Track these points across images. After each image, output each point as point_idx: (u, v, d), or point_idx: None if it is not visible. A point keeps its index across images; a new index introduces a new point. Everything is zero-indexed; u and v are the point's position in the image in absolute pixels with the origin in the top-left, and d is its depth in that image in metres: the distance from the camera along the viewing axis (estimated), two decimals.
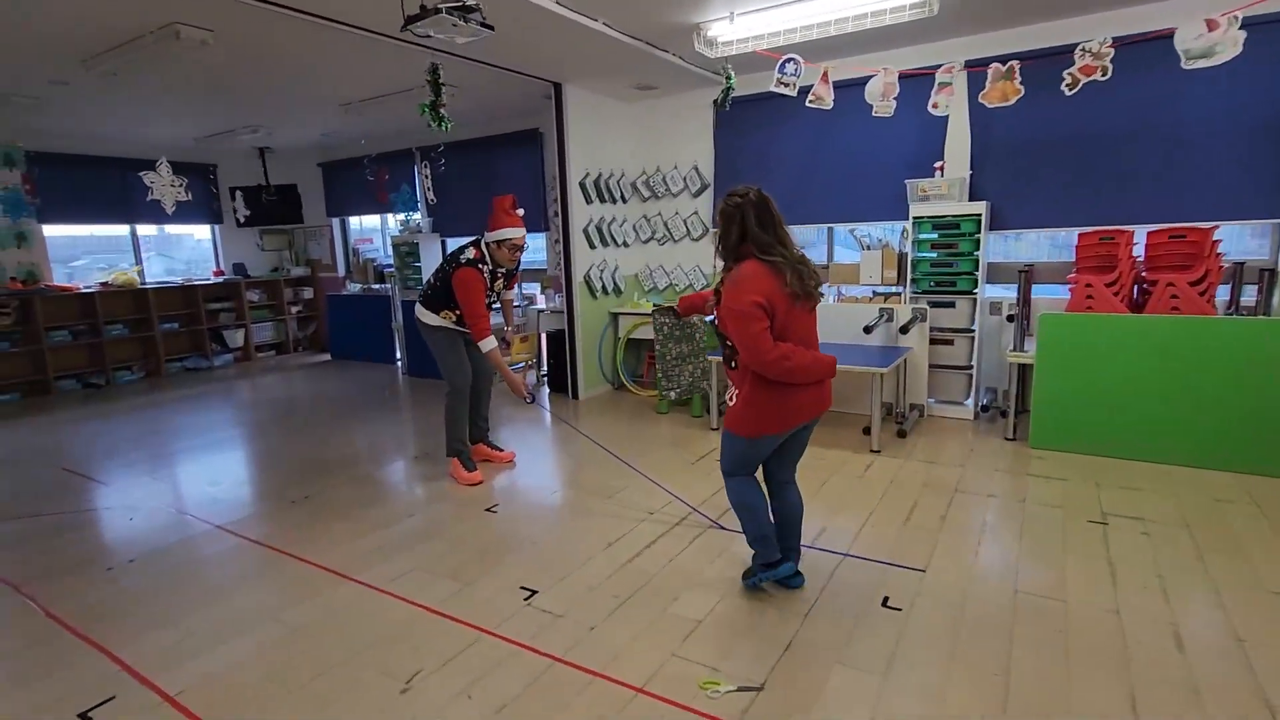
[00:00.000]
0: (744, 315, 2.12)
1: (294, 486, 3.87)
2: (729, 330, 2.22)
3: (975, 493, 3.42)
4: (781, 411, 2.27)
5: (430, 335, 3.78)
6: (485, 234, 3.61)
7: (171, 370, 7.71)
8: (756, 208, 2.19)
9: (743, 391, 2.29)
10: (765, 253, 2.17)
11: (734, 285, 2.15)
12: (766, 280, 2.15)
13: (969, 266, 4.57)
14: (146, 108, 5.76)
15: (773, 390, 2.23)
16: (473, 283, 3.51)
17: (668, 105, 5.84)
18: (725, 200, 2.25)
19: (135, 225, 7.69)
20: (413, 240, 7.34)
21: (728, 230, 2.22)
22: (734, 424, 2.35)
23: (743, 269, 2.17)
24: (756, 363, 2.16)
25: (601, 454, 4.23)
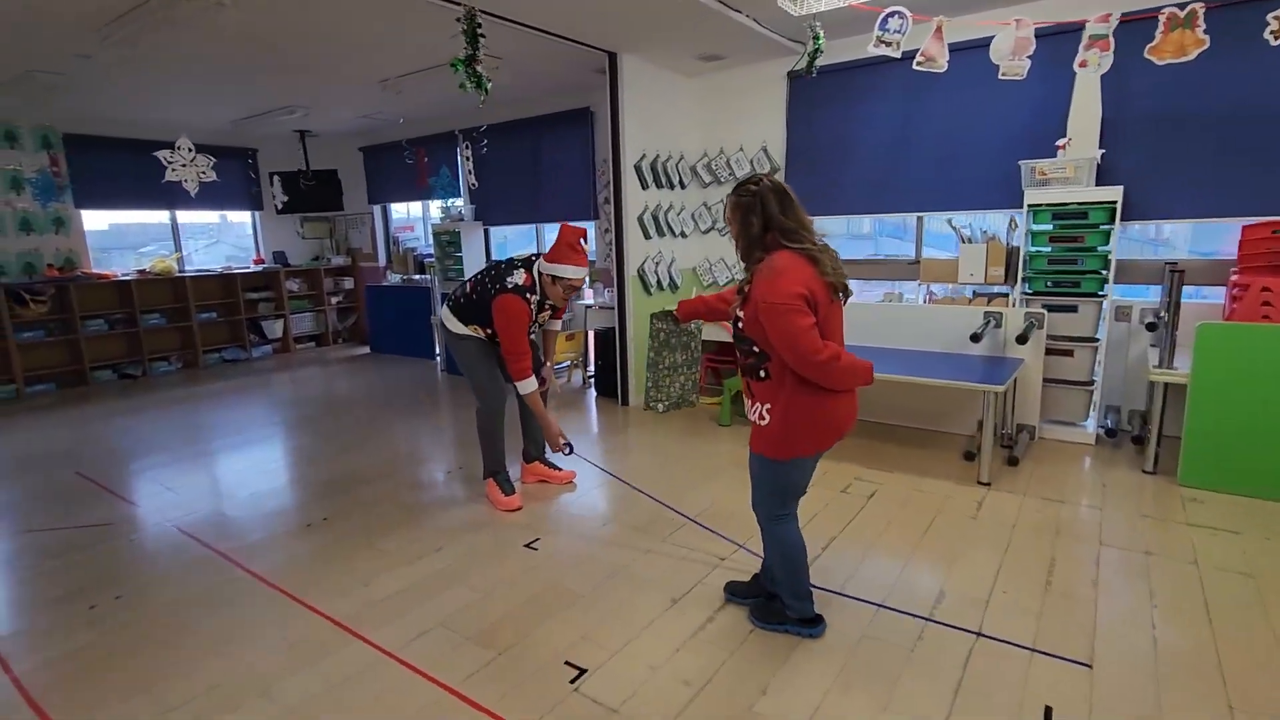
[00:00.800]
0: (786, 310, 1.81)
1: (315, 504, 3.44)
2: (765, 332, 1.87)
3: (1126, 547, 2.75)
4: (827, 425, 1.97)
5: (456, 344, 3.27)
6: (541, 260, 3.09)
7: (209, 361, 7.49)
8: (776, 193, 1.91)
9: (777, 405, 1.95)
10: (794, 240, 1.90)
11: (770, 278, 1.84)
12: (805, 270, 1.86)
13: (1096, 264, 3.84)
14: (176, 86, 5.43)
15: (815, 399, 1.92)
16: (517, 313, 3.00)
17: (735, 79, 5.22)
18: (736, 192, 1.97)
19: (175, 211, 7.46)
20: (454, 229, 6.91)
21: (746, 222, 1.93)
22: (769, 446, 2.00)
23: (776, 260, 1.88)
24: (804, 365, 1.85)
25: (660, 478, 3.68)
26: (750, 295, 1.89)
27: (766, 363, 1.93)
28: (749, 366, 2.01)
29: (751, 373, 2.00)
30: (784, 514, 2.12)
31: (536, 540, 2.95)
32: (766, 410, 1.98)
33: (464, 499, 3.44)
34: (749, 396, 2.05)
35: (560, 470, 3.66)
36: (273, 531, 3.13)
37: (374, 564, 2.77)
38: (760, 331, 1.89)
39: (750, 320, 1.91)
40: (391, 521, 3.19)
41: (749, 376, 2.02)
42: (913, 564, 2.65)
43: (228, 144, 7.56)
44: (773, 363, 1.91)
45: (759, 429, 2.01)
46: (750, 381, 2.02)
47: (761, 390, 1.98)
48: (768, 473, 2.06)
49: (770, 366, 1.93)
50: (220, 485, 3.78)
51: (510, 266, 3.11)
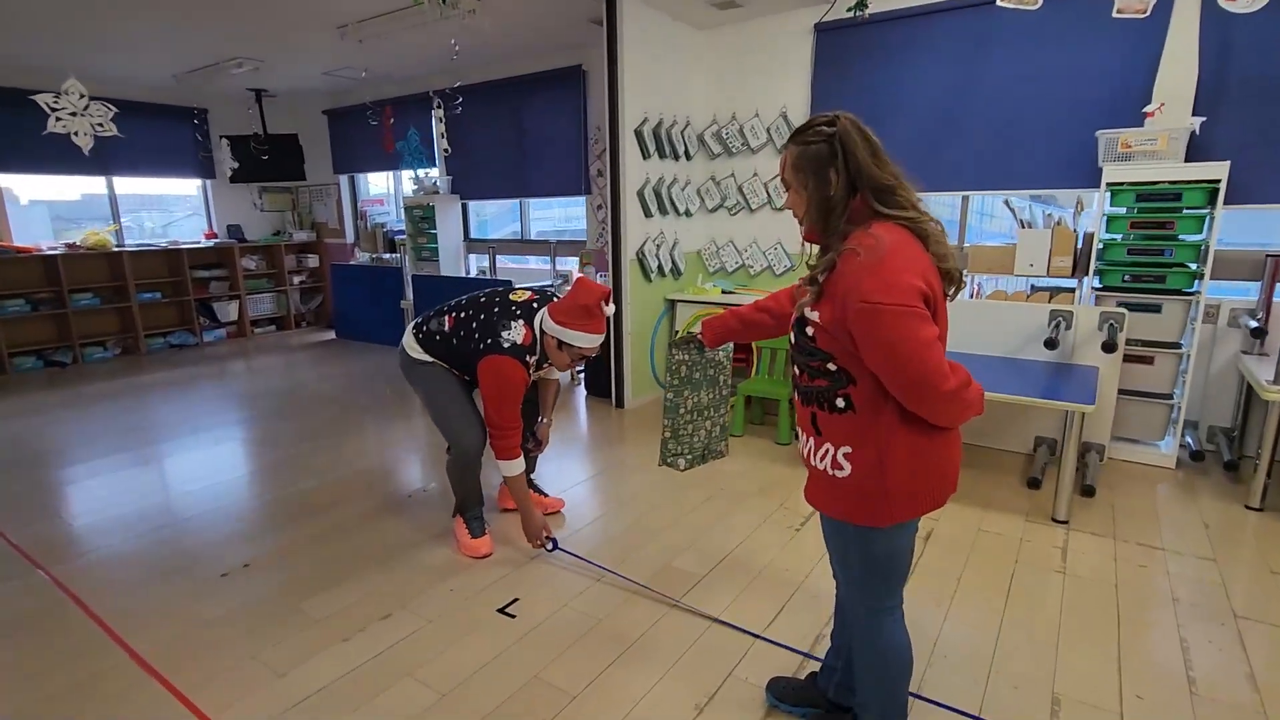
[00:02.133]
0: (902, 315, 1.19)
1: (240, 542, 2.76)
2: (860, 345, 1.24)
3: (1269, 620, 2.15)
4: (942, 475, 1.36)
5: (417, 373, 2.60)
6: (546, 315, 2.43)
7: (154, 347, 6.71)
8: (860, 134, 1.28)
9: (867, 450, 1.32)
10: (895, 206, 1.28)
11: (873, 266, 1.21)
12: (917, 252, 1.26)
13: (1189, 255, 3.23)
14: (104, 32, 4.61)
15: (926, 440, 1.32)
16: (512, 380, 2.38)
17: (753, 31, 4.50)
18: (801, 137, 1.32)
19: (110, 177, 6.62)
20: (428, 203, 6.16)
21: (822, 180, 1.29)
22: (859, 509, 1.35)
23: (877, 237, 1.24)
24: (924, 396, 1.24)
25: (664, 511, 3.04)
26: (834, 290, 1.26)
27: (848, 388, 1.31)
28: (817, 392, 1.36)
29: (820, 401, 1.36)
30: (889, 605, 1.47)
31: (514, 602, 2.30)
32: (845, 456, 1.34)
33: (427, 536, 2.77)
34: (809, 433, 1.41)
35: (546, 496, 3.01)
36: (174, 583, 2.45)
37: (298, 639, 2.10)
38: (845, 343, 1.27)
39: (831, 326, 1.27)
40: (332, 571, 2.52)
41: (814, 405, 1.37)
42: (1004, 649, 2.03)
43: (172, 102, 6.71)
44: (858, 388, 1.30)
45: (833, 483, 1.37)
46: (817, 412, 1.37)
47: (837, 427, 1.34)
48: (861, 547, 1.41)
49: (854, 394, 1.31)
50: (129, 508, 3.08)
51: (506, 313, 2.44)
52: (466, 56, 5.45)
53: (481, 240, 6.61)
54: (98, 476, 3.48)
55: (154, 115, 6.63)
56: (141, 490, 3.30)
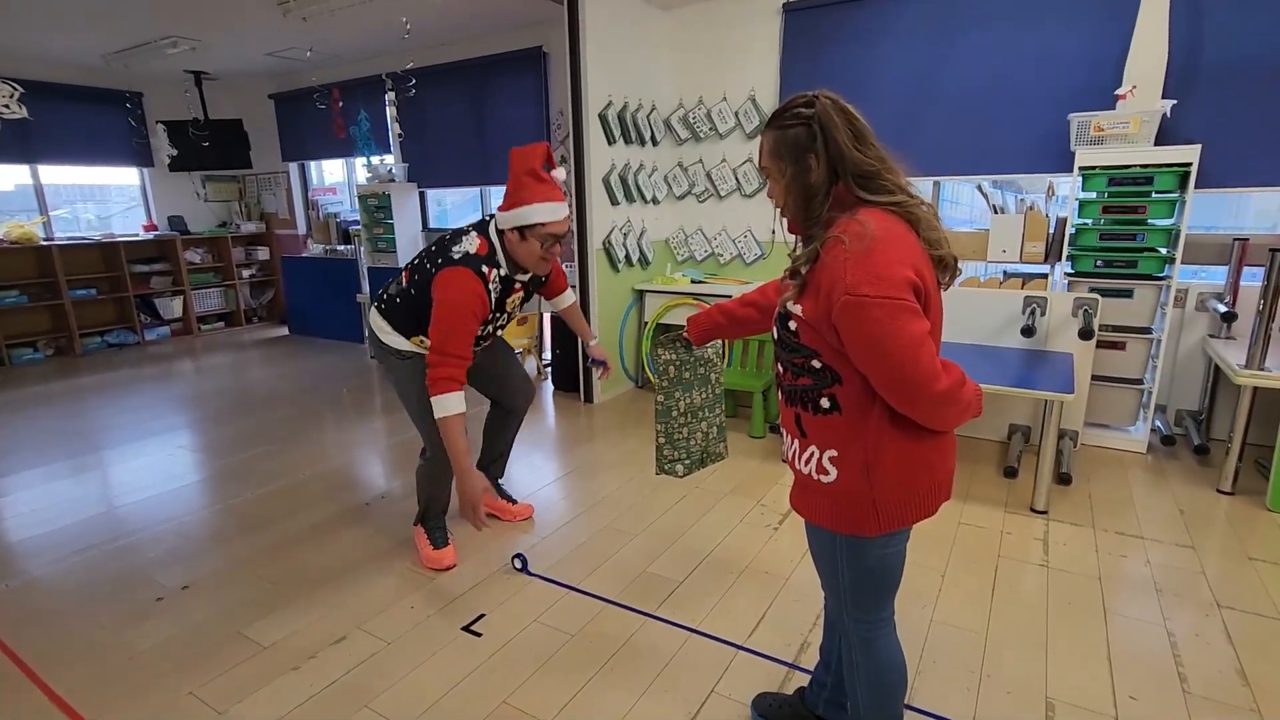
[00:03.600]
0: (891, 309, 1.09)
1: (177, 561, 2.54)
2: (846, 341, 1.14)
3: (1252, 610, 2.13)
4: (932, 480, 1.26)
5: (394, 365, 2.32)
6: (498, 216, 2.13)
7: (90, 347, 6.30)
8: (843, 115, 1.17)
9: (853, 454, 1.21)
10: (879, 191, 1.16)
11: (859, 255, 1.10)
12: (908, 239, 1.15)
13: (1160, 240, 3.21)
14: (22, 2, 4.23)
15: (915, 443, 1.22)
16: (464, 293, 2.05)
17: (720, 12, 4.36)
18: (779, 121, 1.20)
19: (36, 166, 6.17)
20: (383, 191, 5.89)
21: (801, 166, 1.18)
22: (845, 517, 1.26)
23: (863, 223, 1.12)
24: (914, 396, 1.14)
25: (639, 511, 2.91)
26: (818, 282, 1.15)
27: (833, 387, 1.21)
28: (800, 391, 1.26)
29: (804, 401, 1.25)
30: (880, 617, 1.38)
31: (480, 619, 2.15)
32: (830, 460, 1.23)
33: (385, 548, 2.60)
34: (793, 434, 1.31)
35: (515, 504, 2.83)
36: (104, 613, 2.23)
37: (241, 670, 1.92)
38: (830, 340, 1.17)
39: (815, 321, 1.17)
40: (279, 591, 2.33)
41: (798, 406, 1.27)
42: (994, 652, 1.96)
43: (103, 85, 6.27)
44: (844, 388, 1.20)
45: (818, 488, 1.26)
46: (800, 413, 1.27)
47: (822, 429, 1.24)
48: (848, 557, 1.30)
49: (840, 394, 1.20)
50: (52, 532, 2.83)
51: (457, 235, 2.19)
52: (420, 36, 5.19)
53: (441, 230, 6.36)
54: (23, 491, 3.20)
55: (81, 99, 6.19)
56: (73, 505, 3.04)
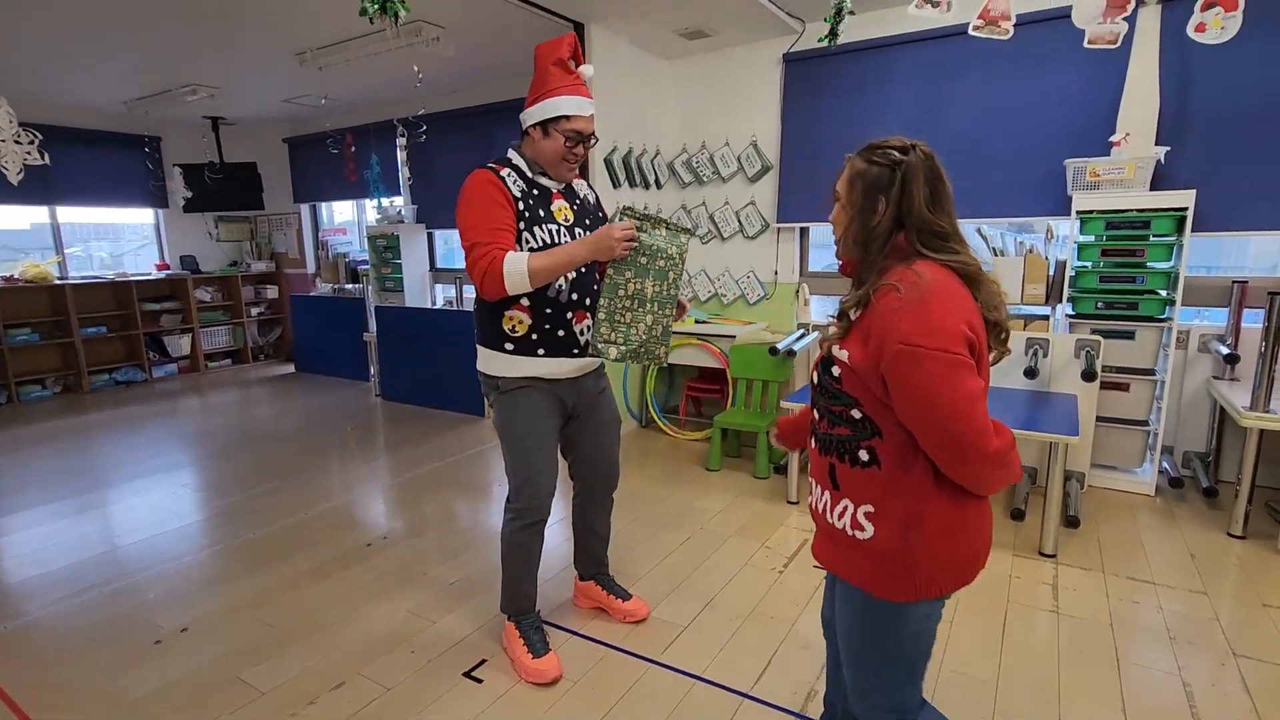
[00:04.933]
0: (945, 362, 1.05)
1: (177, 603, 2.52)
2: (894, 391, 1.10)
3: (1269, 659, 2.08)
4: (971, 547, 1.19)
5: (500, 398, 1.99)
6: (522, 115, 1.92)
7: (98, 384, 6.35)
8: (929, 173, 1.16)
9: (892, 511, 1.16)
10: (941, 250, 1.15)
11: (916, 305, 1.08)
12: (965, 297, 1.13)
13: (1159, 282, 3.24)
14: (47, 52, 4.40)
15: (958, 506, 1.16)
16: (473, 183, 1.84)
17: (722, 62, 4.50)
18: (869, 155, 1.20)
19: (54, 206, 6.32)
20: (392, 232, 6.00)
21: (869, 205, 1.18)
22: (882, 578, 1.17)
23: (921, 275, 1.11)
24: (962, 455, 1.08)
25: (647, 551, 2.88)
26: (867, 329, 1.12)
27: (873, 440, 1.16)
28: (837, 441, 1.21)
29: (840, 451, 1.20)
30: (913, 704, 1.27)
31: (482, 664, 2.12)
32: (865, 515, 1.18)
33: (386, 591, 2.57)
34: (825, 486, 1.25)
35: (626, 601, 2.34)
36: (101, 656, 2.21)
37: (237, 717, 1.89)
38: (874, 389, 1.13)
39: (860, 368, 1.13)
40: (278, 634, 2.30)
41: (832, 456, 1.22)
42: (1005, 701, 1.92)
43: (123, 130, 6.45)
44: (885, 441, 1.15)
45: (852, 544, 1.20)
46: (835, 464, 1.22)
47: (858, 483, 1.19)
48: (879, 624, 1.21)
49: (880, 447, 1.16)
50: (52, 572, 2.81)
51: None
52: (432, 84, 5.35)
53: (448, 270, 6.45)
54: (25, 530, 3.19)
55: (102, 143, 6.37)
56: (73, 545, 3.02)
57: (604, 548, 2.38)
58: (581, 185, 2.09)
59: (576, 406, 2.08)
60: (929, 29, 3.62)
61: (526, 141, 1.93)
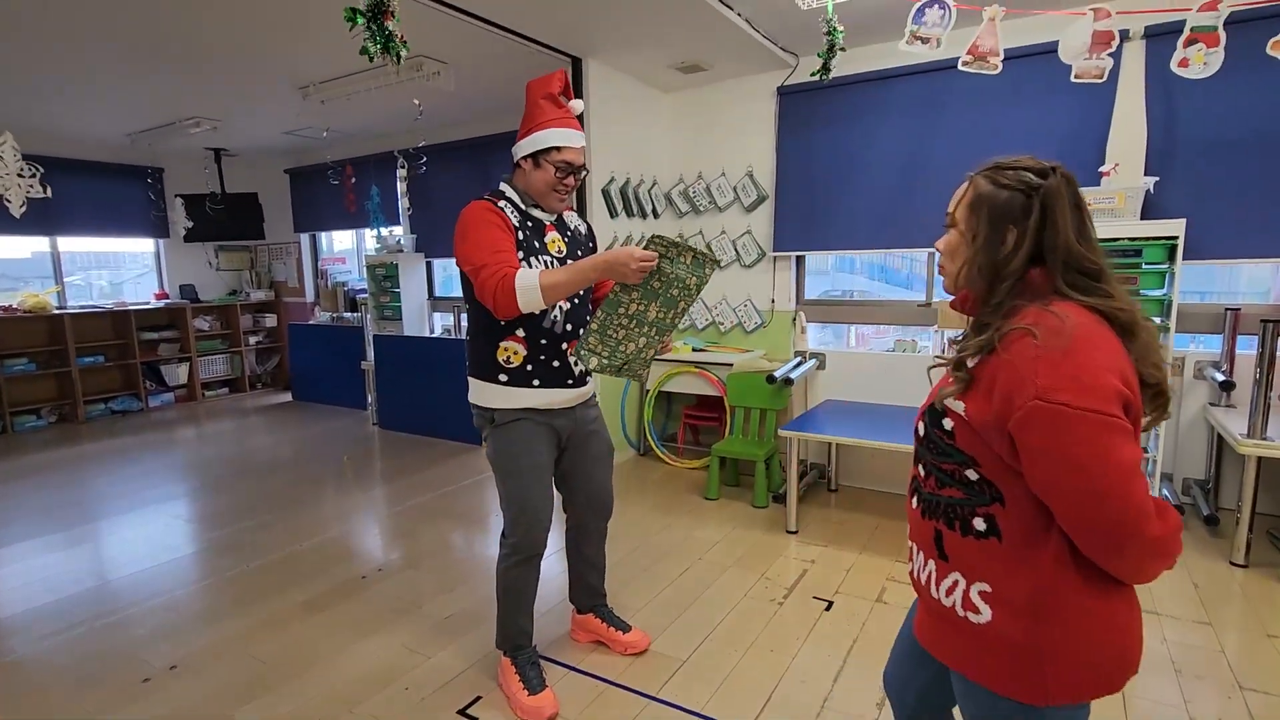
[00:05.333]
0: (1099, 425, 0.87)
1: (167, 640, 2.48)
2: (1027, 456, 0.91)
3: (1276, 693, 2.05)
4: (1127, 648, 0.98)
5: (493, 431, 1.97)
6: (514, 148, 1.94)
7: (94, 413, 6.32)
8: (1074, 200, 1.00)
9: (1018, 595, 0.96)
10: (1089, 292, 0.97)
11: (1062, 353, 0.89)
12: (1119, 350, 0.93)
13: (1153, 310, 3.26)
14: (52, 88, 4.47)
15: (1107, 597, 0.96)
16: (472, 211, 1.85)
17: (718, 94, 4.58)
18: (1000, 175, 1.01)
19: (54, 237, 6.36)
20: (391, 261, 6.03)
21: (997, 234, 1.00)
22: (1014, 676, 0.97)
23: (1069, 317, 0.92)
24: (1125, 540, 0.89)
25: (645, 583, 2.85)
26: (992, 380, 0.95)
27: (992, 507, 0.98)
28: (945, 504, 1.04)
29: (950, 517, 1.03)
30: None
31: (477, 701, 2.08)
32: (981, 596, 0.99)
33: (381, 625, 2.54)
34: (930, 554, 1.08)
35: (627, 634, 2.31)
36: (87, 696, 2.16)
37: None
38: (998, 449, 0.96)
39: (981, 425, 0.96)
40: (270, 671, 2.26)
41: (939, 521, 1.05)
42: None
43: (125, 161, 6.53)
44: (1008, 510, 0.97)
45: (967, 630, 1.02)
46: (942, 531, 1.04)
47: (972, 556, 1.01)
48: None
49: (1001, 516, 0.98)
50: (40, 607, 2.77)
51: None
52: (432, 116, 5.43)
53: (447, 299, 6.48)
54: (13, 564, 3.15)
55: (105, 174, 6.44)
56: (63, 579, 2.98)
57: (601, 579, 2.35)
58: (573, 217, 2.11)
59: (571, 437, 2.07)
60: (920, 64, 3.69)
61: (518, 174, 1.95)
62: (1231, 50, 2.53)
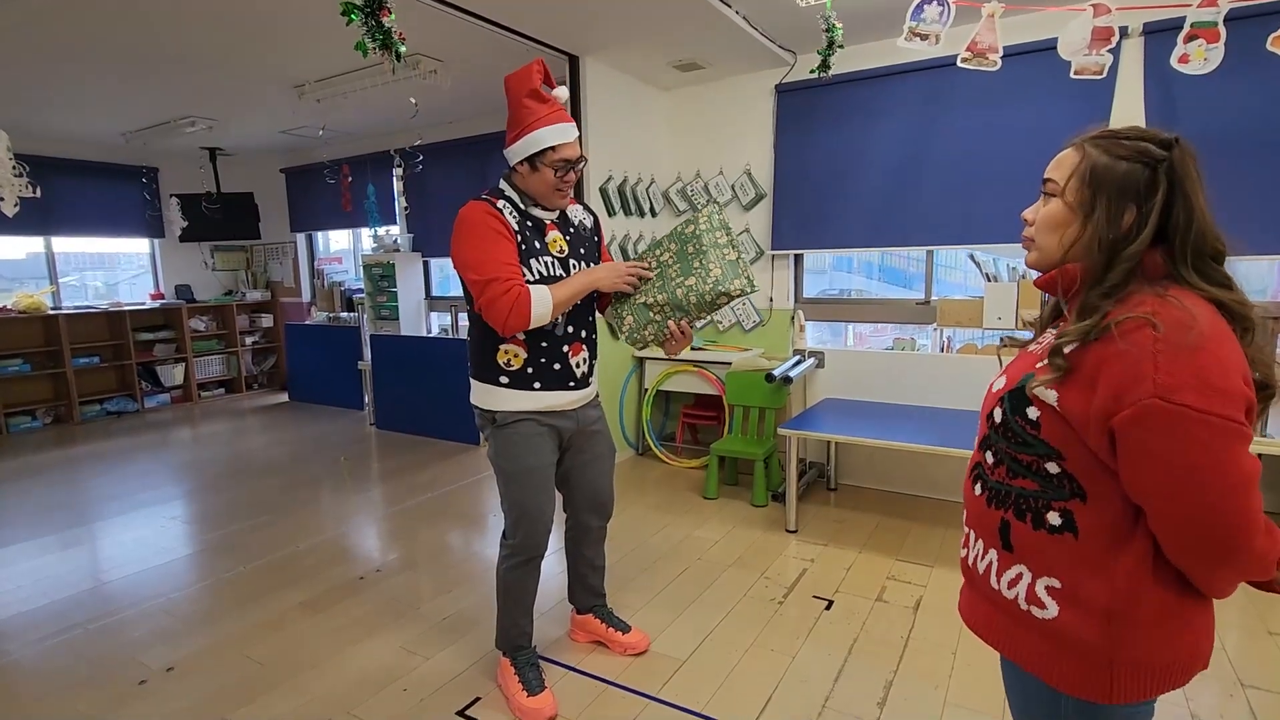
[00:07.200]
0: (1221, 432, 0.80)
1: (163, 642, 2.46)
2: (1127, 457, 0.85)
3: (1277, 690, 2.04)
4: (1200, 648, 0.93)
5: (496, 433, 1.94)
6: (505, 153, 1.89)
7: (89, 414, 6.29)
8: (1197, 174, 0.89)
9: (1092, 594, 0.91)
10: (1210, 279, 0.88)
11: (1189, 350, 0.81)
12: (1239, 347, 0.85)
13: None
14: (44, 87, 4.44)
15: (1184, 597, 0.91)
16: (470, 213, 1.81)
17: (716, 92, 4.57)
18: (1116, 146, 0.92)
19: (50, 237, 6.33)
20: (388, 260, 6.01)
21: (1115, 213, 0.90)
22: (1078, 673, 0.92)
23: (1197, 311, 0.84)
24: (1227, 553, 0.84)
25: (644, 583, 2.84)
26: (1095, 369, 0.87)
27: (1071, 502, 0.93)
28: (1015, 494, 0.98)
29: (1020, 508, 0.97)
30: None
31: (475, 702, 2.06)
32: (1048, 591, 0.95)
33: (379, 626, 2.52)
34: (991, 543, 1.02)
35: (627, 634, 2.30)
36: (81, 699, 2.14)
37: None
38: (1094, 444, 0.88)
39: (1076, 417, 0.89)
40: (266, 673, 2.24)
41: (1008, 511, 0.99)
42: None
43: (120, 161, 6.50)
44: (1089, 507, 0.92)
45: (1027, 622, 0.97)
46: (1011, 521, 0.98)
47: (1043, 550, 0.95)
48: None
49: (1080, 512, 0.92)
50: (34, 610, 2.74)
51: None
52: (428, 115, 5.41)
53: (443, 298, 6.46)
54: (8, 567, 3.13)
55: (99, 174, 6.42)
56: (59, 582, 2.96)
57: (600, 579, 2.33)
58: (577, 211, 2.05)
59: (573, 438, 2.05)
60: (919, 60, 3.68)
61: (516, 176, 1.90)
62: (1231, 46, 2.52)
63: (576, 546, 2.26)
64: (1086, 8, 2.53)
